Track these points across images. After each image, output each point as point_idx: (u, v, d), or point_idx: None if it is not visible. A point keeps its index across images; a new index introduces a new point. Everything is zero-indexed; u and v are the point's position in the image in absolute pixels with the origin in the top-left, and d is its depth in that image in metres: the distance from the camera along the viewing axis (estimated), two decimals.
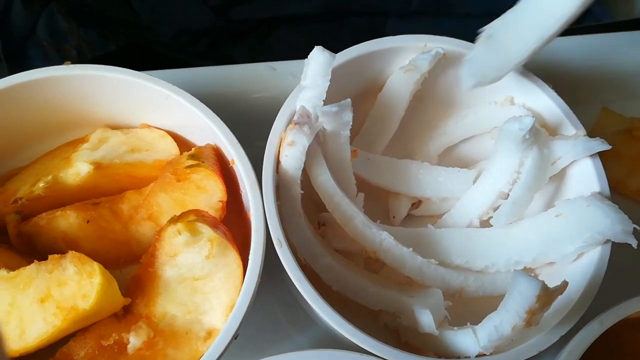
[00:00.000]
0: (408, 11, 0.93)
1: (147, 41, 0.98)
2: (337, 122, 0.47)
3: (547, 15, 0.47)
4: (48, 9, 0.93)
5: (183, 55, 0.99)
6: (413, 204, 0.59)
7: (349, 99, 0.47)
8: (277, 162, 0.49)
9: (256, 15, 0.96)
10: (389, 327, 0.53)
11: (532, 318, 0.41)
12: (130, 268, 0.53)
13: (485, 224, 0.56)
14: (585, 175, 0.51)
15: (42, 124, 0.55)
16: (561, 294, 0.41)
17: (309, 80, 0.47)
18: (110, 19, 0.95)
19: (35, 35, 0.97)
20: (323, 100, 0.49)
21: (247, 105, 0.61)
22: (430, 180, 0.57)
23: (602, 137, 0.52)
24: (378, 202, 0.59)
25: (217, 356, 0.43)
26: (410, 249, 0.51)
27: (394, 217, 0.58)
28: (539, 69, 0.55)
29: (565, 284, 0.41)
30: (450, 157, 0.61)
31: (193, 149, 0.51)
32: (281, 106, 0.51)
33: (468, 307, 0.52)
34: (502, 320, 0.43)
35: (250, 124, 0.54)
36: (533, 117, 0.48)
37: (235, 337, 0.48)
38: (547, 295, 0.40)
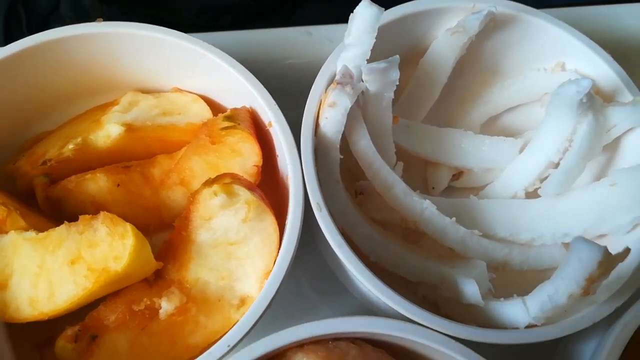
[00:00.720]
0: None
1: (169, 18, 0.97)
2: (383, 81, 0.45)
3: None
4: None
5: (205, 32, 0.98)
6: (454, 175, 0.56)
7: (397, 56, 0.44)
8: (316, 125, 0.47)
9: None
10: (428, 299, 0.50)
11: (591, 286, 0.38)
12: (160, 236, 0.50)
13: (530, 197, 0.53)
14: None
15: (71, 86, 0.53)
16: (622, 260, 0.38)
17: (353, 37, 0.45)
18: None
19: (58, 11, 0.97)
20: (366, 60, 0.46)
21: (282, 70, 0.58)
22: (473, 150, 0.54)
23: None
24: (416, 172, 0.57)
25: (251, 325, 0.41)
26: (453, 218, 0.48)
27: (433, 188, 0.56)
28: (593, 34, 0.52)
29: (627, 250, 0.39)
30: (494, 128, 0.58)
31: (229, 110, 0.49)
32: (317, 72, 0.49)
33: (512, 281, 0.50)
34: (557, 289, 0.40)
35: (285, 90, 0.51)
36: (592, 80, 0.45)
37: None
38: (609, 261, 0.37)
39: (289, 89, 0.51)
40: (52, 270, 0.42)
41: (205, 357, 0.39)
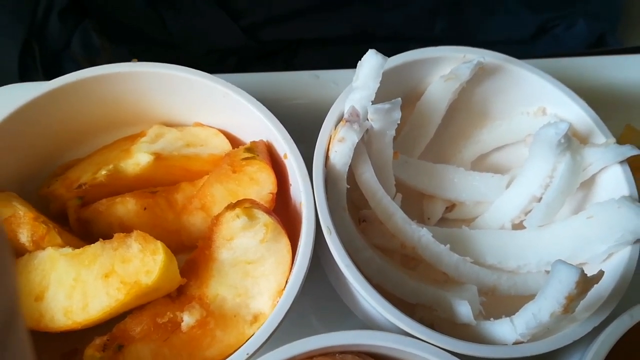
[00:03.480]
0: (430, 37, 0.98)
1: (176, 58, 1.03)
2: (386, 120, 0.51)
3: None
4: (82, 25, 0.98)
5: (211, 73, 1.03)
6: (447, 208, 0.61)
7: (399, 98, 0.50)
8: (326, 158, 0.52)
9: (285, 36, 1.01)
10: (425, 321, 0.54)
11: (570, 305, 0.43)
12: (178, 257, 0.55)
13: (517, 228, 0.58)
14: (614, 181, 0.54)
15: (103, 119, 0.58)
16: (597, 282, 0.43)
17: (361, 81, 0.51)
18: (141, 36, 1.00)
19: (70, 49, 1.02)
20: (371, 102, 0.52)
21: (289, 109, 0.64)
22: (465, 185, 0.60)
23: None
24: (413, 204, 0.62)
25: (268, 335, 0.45)
26: (447, 246, 0.53)
27: (428, 218, 0.61)
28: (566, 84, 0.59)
29: (601, 273, 0.44)
30: (483, 165, 0.64)
31: (249, 142, 0.54)
32: (323, 111, 0.55)
33: (500, 306, 0.55)
34: (541, 308, 0.45)
35: (294, 128, 0.57)
36: (568, 123, 0.51)
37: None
38: (585, 281, 0.42)
39: (297, 126, 0.57)
40: (87, 283, 0.46)
41: None
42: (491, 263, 0.56)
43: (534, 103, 0.60)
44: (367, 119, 0.52)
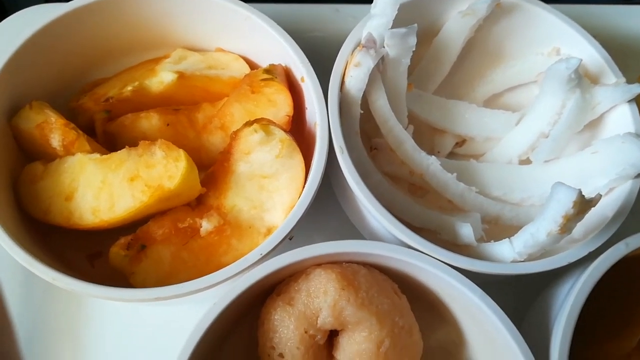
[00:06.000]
0: None
1: None
2: (402, 46, 0.52)
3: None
4: None
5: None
6: (457, 143, 0.63)
7: (415, 24, 0.52)
8: (342, 83, 0.54)
9: None
10: None
11: (567, 224, 0.45)
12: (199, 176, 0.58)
13: (523, 164, 0.60)
14: (622, 120, 0.56)
15: (127, 40, 0.61)
16: (594, 205, 0.45)
17: (379, 8, 0.53)
18: None
19: None
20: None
21: (309, 43, 0.65)
22: (476, 120, 0.62)
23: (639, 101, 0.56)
24: (424, 139, 0.64)
25: (269, 249, 0.47)
26: (455, 174, 0.56)
27: (438, 152, 0.63)
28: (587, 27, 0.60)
29: (599, 196, 0.46)
30: (495, 105, 0.65)
31: (268, 64, 0.57)
32: (340, 44, 0.56)
33: (502, 235, 0.57)
34: (539, 228, 0.47)
35: (311, 60, 0.59)
36: (580, 58, 0.53)
37: (290, 237, 0.54)
38: (582, 202, 0.44)
39: (314, 59, 0.58)
40: (113, 185, 0.50)
41: (241, 261, 0.47)
42: (496, 195, 0.58)
43: (548, 43, 0.61)
44: (384, 47, 0.54)
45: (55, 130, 0.51)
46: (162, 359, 0.54)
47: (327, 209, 0.60)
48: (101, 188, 0.50)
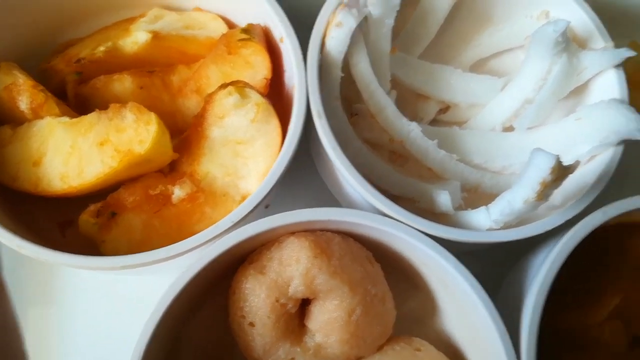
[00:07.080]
0: None
1: None
2: (386, 5, 0.50)
3: None
4: None
5: None
6: (440, 110, 0.62)
7: None
8: (322, 45, 0.52)
9: None
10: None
11: (544, 191, 0.44)
12: (172, 141, 0.56)
13: (507, 131, 0.59)
14: (608, 86, 0.54)
15: None
16: (572, 172, 0.44)
17: None
18: None
19: None
20: None
21: (290, 1, 0.63)
22: (461, 86, 0.60)
23: (629, 69, 0.54)
24: (407, 105, 0.62)
25: (240, 216, 0.46)
26: (435, 141, 0.54)
27: (421, 118, 0.62)
28: None
29: (577, 163, 0.45)
30: (481, 70, 0.63)
31: (246, 24, 0.54)
32: (323, 3, 0.54)
33: (481, 204, 0.56)
34: (515, 195, 0.46)
35: (292, 19, 0.56)
36: (568, 21, 0.51)
37: (266, 206, 0.53)
38: (560, 168, 0.43)
39: (296, 15, 0.55)
40: (83, 150, 0.48)
41: (212, 229, 0.46)
42: (477, 162, 0.57)
43: (537, 6, 0.59)
44: (366, 6, 0.52)
45: (23, 92, 0.50)
46: (134, 329, 0.53)
47: (306, 178, 0.59)
48: (70, 153, 0.49)
